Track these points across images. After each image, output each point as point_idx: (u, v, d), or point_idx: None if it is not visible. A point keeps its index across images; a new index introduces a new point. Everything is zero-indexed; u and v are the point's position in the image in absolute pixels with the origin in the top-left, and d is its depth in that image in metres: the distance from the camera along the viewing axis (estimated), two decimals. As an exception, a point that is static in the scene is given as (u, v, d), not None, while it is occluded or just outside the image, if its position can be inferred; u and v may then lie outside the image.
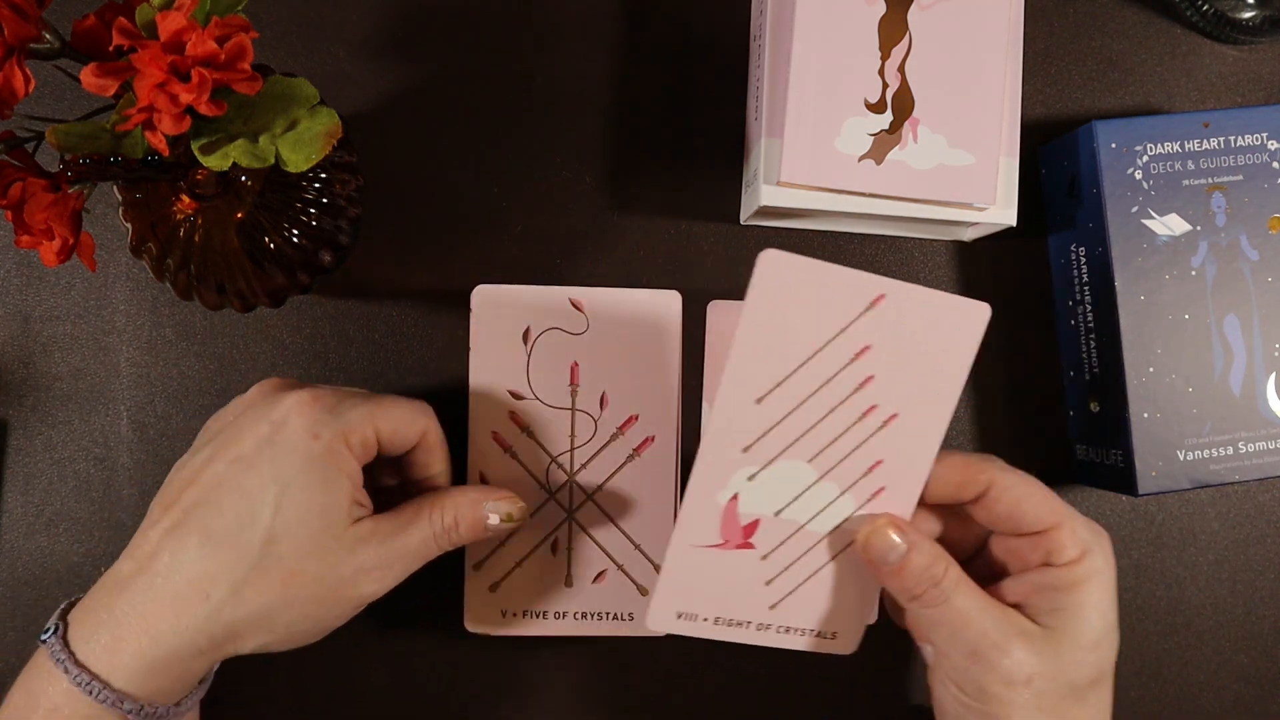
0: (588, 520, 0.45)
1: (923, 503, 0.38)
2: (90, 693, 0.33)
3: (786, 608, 0.39)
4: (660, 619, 0.39)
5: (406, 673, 0.47)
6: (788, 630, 0.40)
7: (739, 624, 0.40)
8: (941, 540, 0.40)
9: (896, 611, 0.41)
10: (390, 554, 0.37)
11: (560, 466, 0.44)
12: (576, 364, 0.44)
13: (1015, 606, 0.37)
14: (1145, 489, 0.43)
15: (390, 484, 0.43)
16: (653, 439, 0.45)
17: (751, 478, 0.37)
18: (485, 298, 0.44)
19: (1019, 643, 0.36)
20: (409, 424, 0.39)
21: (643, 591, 0.44)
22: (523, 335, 0.44)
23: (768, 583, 0.39)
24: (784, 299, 0.35)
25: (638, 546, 0.45)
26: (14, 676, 0.36)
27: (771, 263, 0.34)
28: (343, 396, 0.38)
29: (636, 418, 0.44)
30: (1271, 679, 0.49)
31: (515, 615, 0.44)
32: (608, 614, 0.45)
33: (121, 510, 0.46)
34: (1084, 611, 0.36)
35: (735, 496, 0.38)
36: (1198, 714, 0.49)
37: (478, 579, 0.44)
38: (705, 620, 0.39)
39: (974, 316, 0.36)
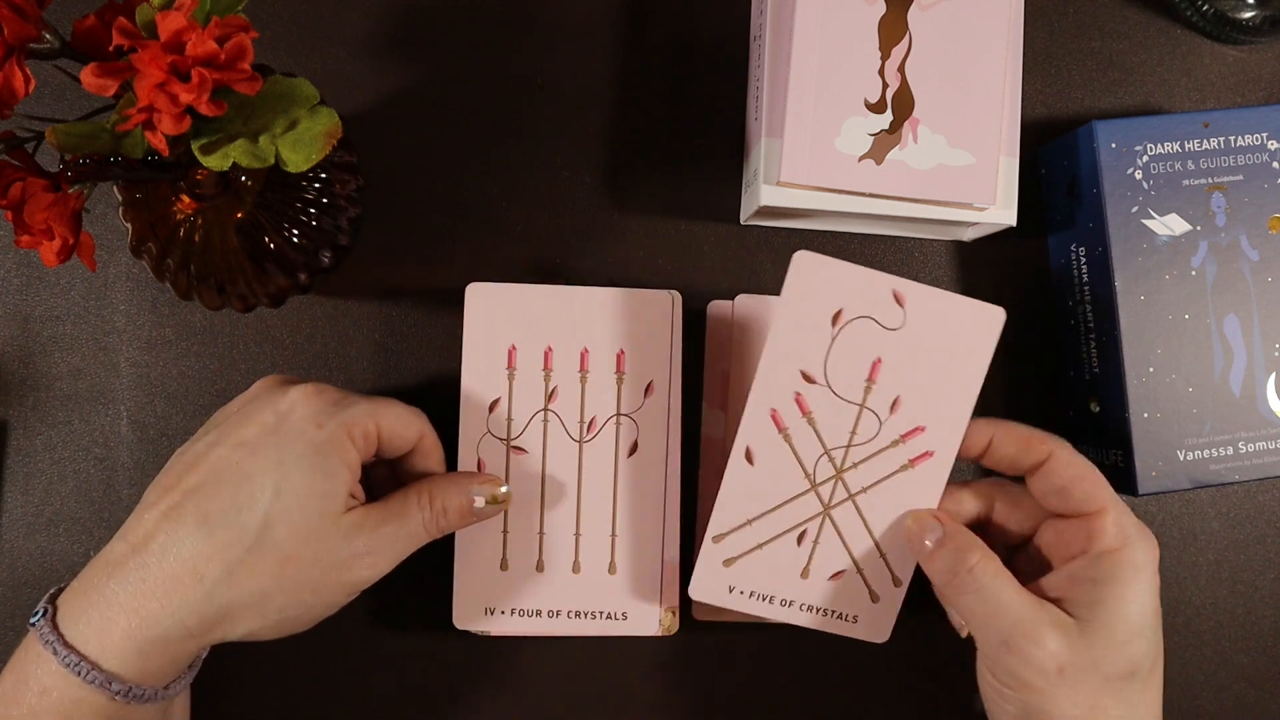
0: (840, 518, 0.42)
1: (982, 474, 0.40)
2: (79, 674, 0.33)
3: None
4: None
5: (398, 671, 0.47)
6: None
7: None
8: (990, 523, 0.41)
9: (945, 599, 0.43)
10: (383, 540, 0.38)
11: (831, 460, 0.42)
12: (880, 360, 0.41)
13: (1055, 601, 0.38)
14: (1145, 489, 0.43)
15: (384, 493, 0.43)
16: (931, 454, 0.41)
17: None
18: (805, 266, 0.40)
19: (1051, 632, 0.36)
20: (407, 425, 0.40)
21: (874, 598, 0.43)
22: (833, 318, 0.40)
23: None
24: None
25: (883, 555, 0.42)
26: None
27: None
28: (345, 393, 0.39)
29: (923, 429, 0.41)
30: (1271, 679, 0.49)
31: (742, 594, 0.43)
32: (834, 612, 0.43)
33: (121, 510, 0.46)
34: (1119, 605, 0.36)
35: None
36: (1198, 714, 0.49)
37: (715, 550, 0.42)
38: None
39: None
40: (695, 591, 0.43)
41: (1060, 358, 0.49)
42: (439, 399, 0.44)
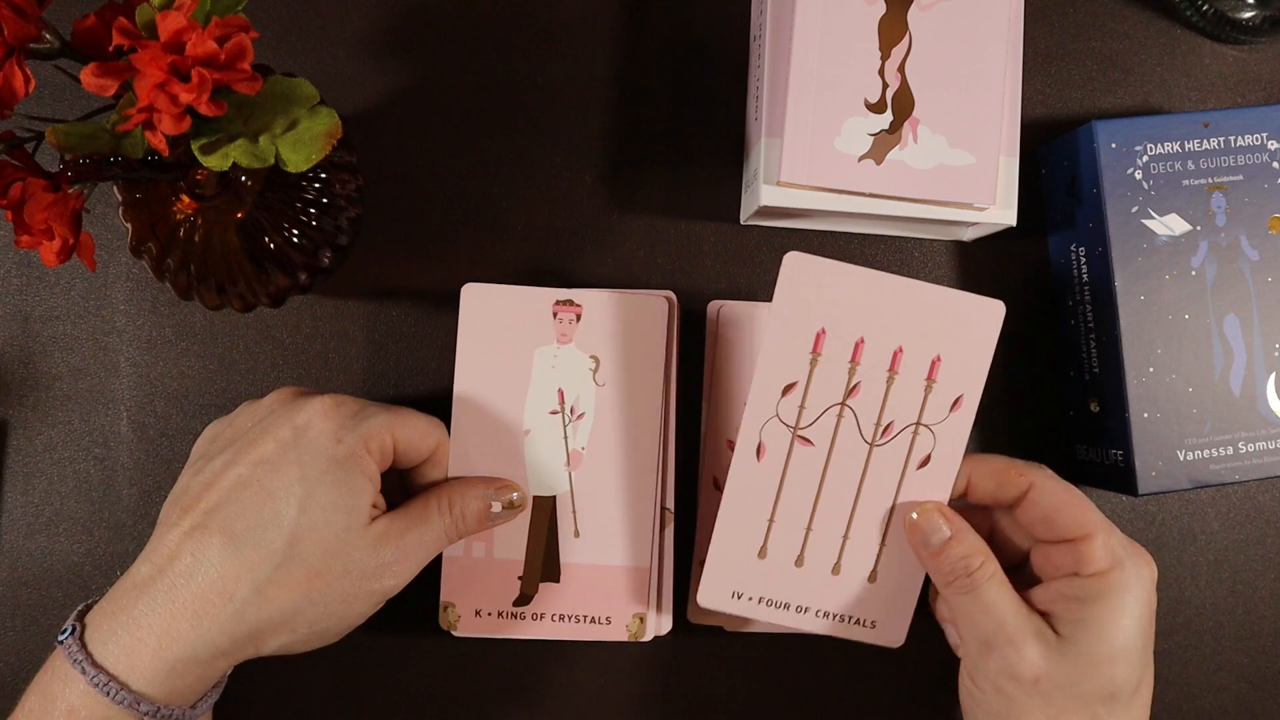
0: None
1: (972, 504, 0.41)
2: (108, 694, 0.33)
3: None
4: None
5: (392, 674, 0.47)
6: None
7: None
8: (990, 542, 0.41)
9: (934, 599, 0.44)
10: (408, 548, 0.38)
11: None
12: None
13: (1042, 614, 0.38)
14: (1145, 489, 0.43)
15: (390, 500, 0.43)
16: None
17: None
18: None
19: (1032, 642, 0.37)
20: (425, 437, 0.40)
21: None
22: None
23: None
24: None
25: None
26: (14, 676, 0.36)
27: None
28: (364, 405, 0.39)
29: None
30: (1271, 679, 0.49)
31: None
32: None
33: (121, 510, 0.46)
34: (1103, 625, 0.37)
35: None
36: (1198, 714, 0.49)
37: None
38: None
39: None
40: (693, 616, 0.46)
41: (1060, 358, 0.49)
42: (439, 399, 0.44)
